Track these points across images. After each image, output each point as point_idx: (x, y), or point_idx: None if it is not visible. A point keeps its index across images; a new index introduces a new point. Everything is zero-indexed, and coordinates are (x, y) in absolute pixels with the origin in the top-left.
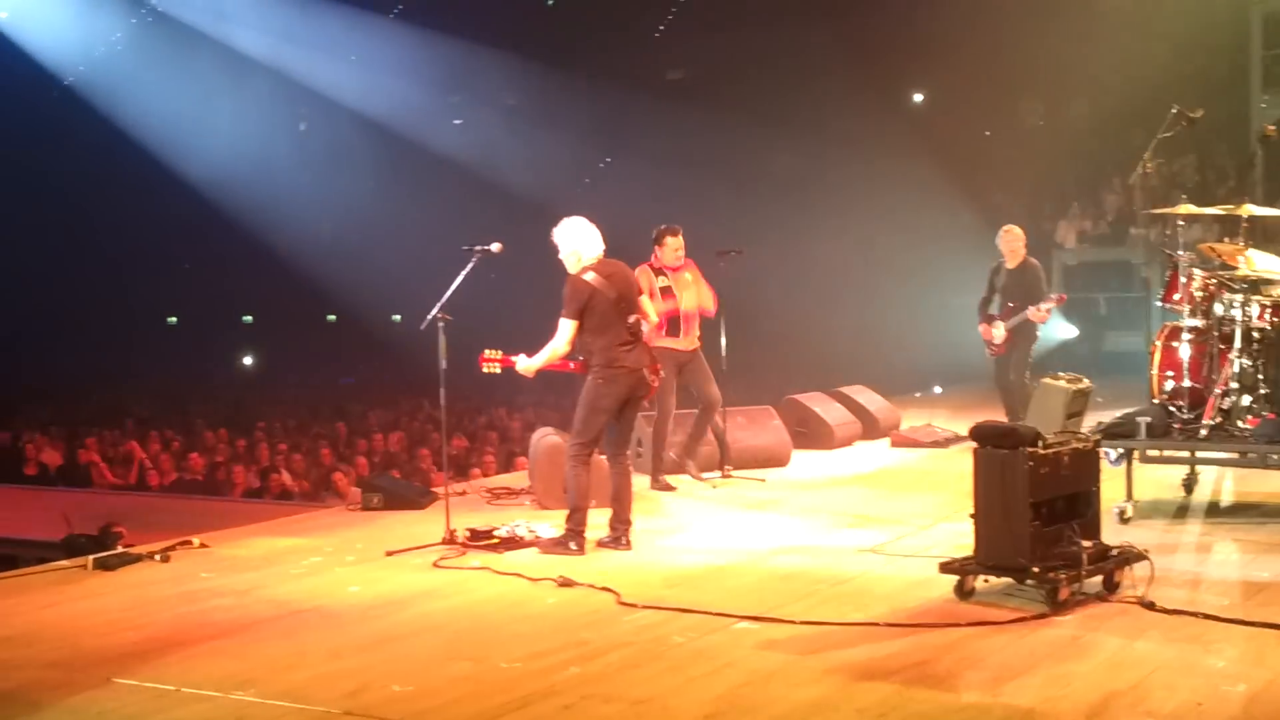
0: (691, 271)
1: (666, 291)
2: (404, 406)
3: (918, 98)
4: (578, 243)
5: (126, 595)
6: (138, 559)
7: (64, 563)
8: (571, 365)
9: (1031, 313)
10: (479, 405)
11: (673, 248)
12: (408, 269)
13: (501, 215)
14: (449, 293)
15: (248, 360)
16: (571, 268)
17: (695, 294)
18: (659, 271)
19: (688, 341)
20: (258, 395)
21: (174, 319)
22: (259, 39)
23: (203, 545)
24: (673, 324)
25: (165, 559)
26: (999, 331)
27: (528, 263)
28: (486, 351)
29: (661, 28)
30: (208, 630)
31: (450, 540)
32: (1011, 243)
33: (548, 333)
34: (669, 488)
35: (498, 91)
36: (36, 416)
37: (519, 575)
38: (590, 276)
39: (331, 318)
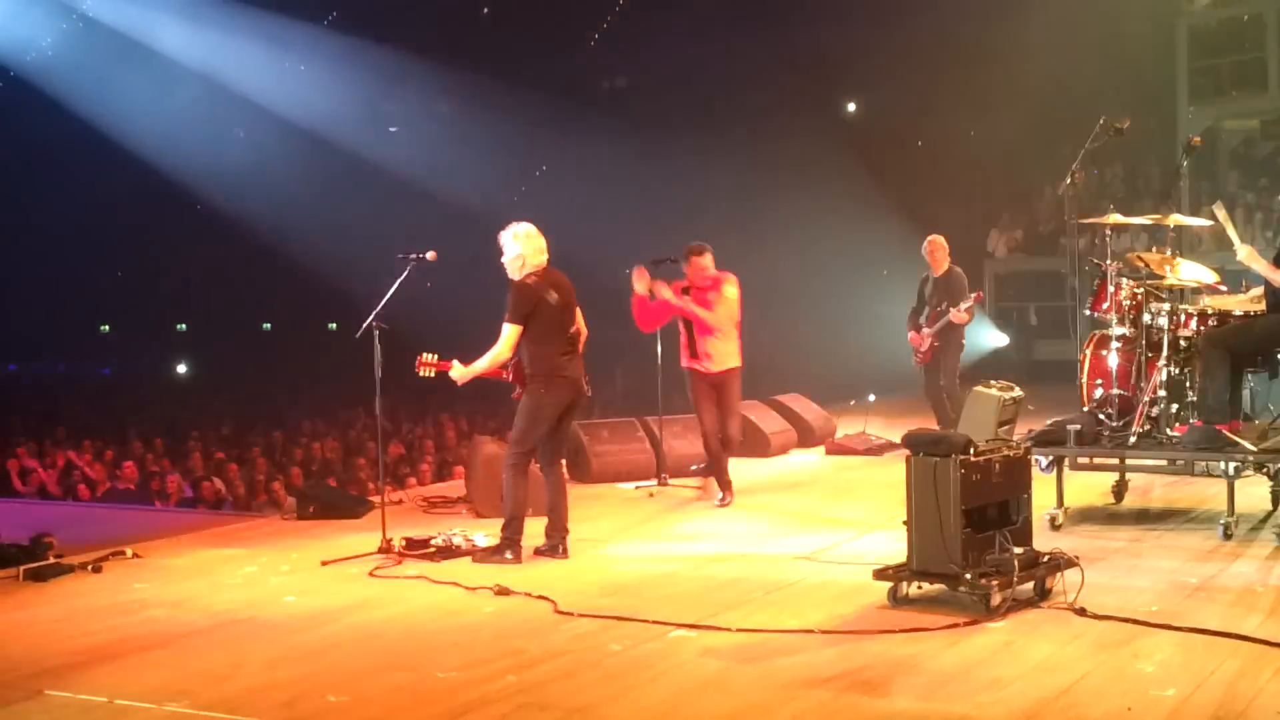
0: (715, 291)
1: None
2: (340, 415)
3: (851, 108)
4: (525, 248)
5: (58, 606)
6: (70, 570)
7: None
8: (504, 373)
9: (953, 314)
10: (416, 414)
11: (698, 267)
12: (343, 277)
13: (437, 223)
14: (385, 300)
15: (182, 368)
16: (513, 273)
17: (716, 315)
18: (686, 290)
19: (708, 364)
20: (192, 403)
21: (106, 327)
22: (192, 47)
23: (136, 555)
24: (691, 346)
25: (98, 569)
26: (924, 339)
27: (463, 271)
28: (425, 355)
29: (596, 37)
30: (141, 641)
31: (386, 549)
32: (935, 252)
33: (484, 341)
34: (725, 499)
35: (434, 99)
36: None
37: (456, 584)
38: (539, 285)
39: (267, 326)
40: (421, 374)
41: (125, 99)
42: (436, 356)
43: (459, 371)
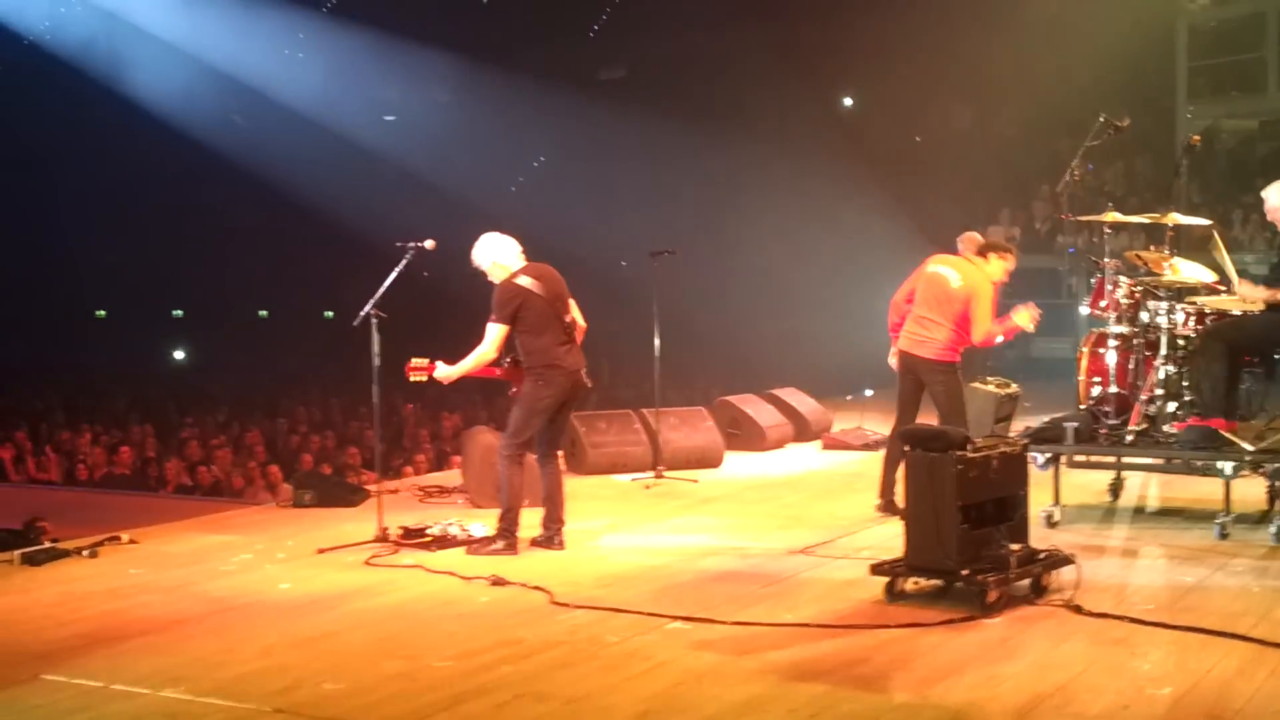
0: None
1: None
2: (337, 403)
3: (848, 101)
4: (494, 254)
5: (54, 591)
6: (66, 554)
7: None
8: (498, 371)
9: None
10: (412, 403)
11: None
12: (341, 265)
13: (435, 212)
14: (382, 290)
15: (179, 355)
16: (497, 278)
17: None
18: None
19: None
20: (189, 390)
21: (103, 312)
22: (189, 31)
23: (132, 541)
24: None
25: (94, 555)
26: None
27: (461, 260)
28: (413, 360)
29: (596, 27)
30: (136, 627)
31: (383, 538)
32: (969, 248)
33: (479, 333)
34: (897, 510)
35: (431, 88)
36: None
37: (452, 574)
38: (524, 280)
39: (263, 313)
40: (412, 379)
41: (120, 82)
42: (426, 360)
43: (443, 372)
